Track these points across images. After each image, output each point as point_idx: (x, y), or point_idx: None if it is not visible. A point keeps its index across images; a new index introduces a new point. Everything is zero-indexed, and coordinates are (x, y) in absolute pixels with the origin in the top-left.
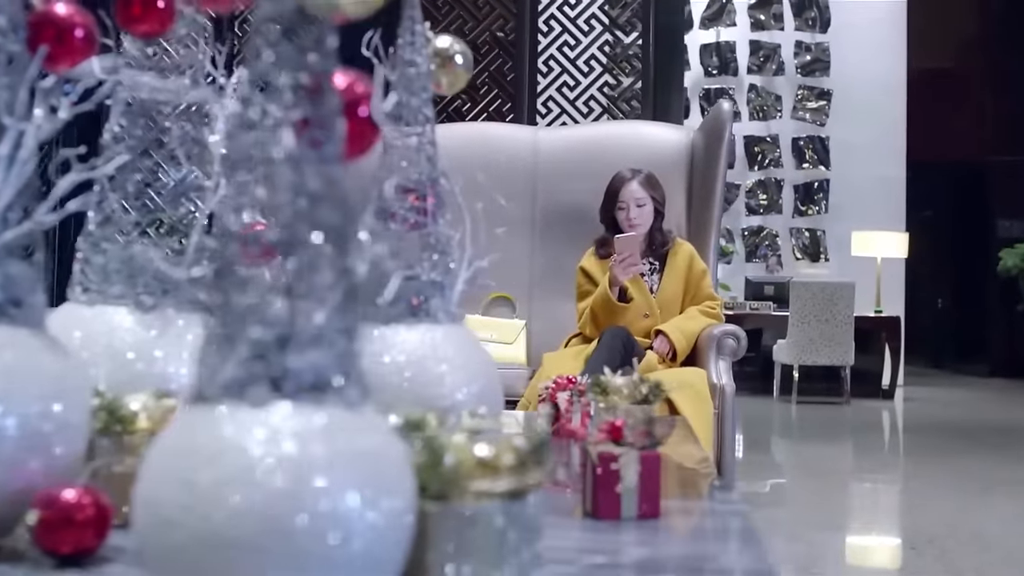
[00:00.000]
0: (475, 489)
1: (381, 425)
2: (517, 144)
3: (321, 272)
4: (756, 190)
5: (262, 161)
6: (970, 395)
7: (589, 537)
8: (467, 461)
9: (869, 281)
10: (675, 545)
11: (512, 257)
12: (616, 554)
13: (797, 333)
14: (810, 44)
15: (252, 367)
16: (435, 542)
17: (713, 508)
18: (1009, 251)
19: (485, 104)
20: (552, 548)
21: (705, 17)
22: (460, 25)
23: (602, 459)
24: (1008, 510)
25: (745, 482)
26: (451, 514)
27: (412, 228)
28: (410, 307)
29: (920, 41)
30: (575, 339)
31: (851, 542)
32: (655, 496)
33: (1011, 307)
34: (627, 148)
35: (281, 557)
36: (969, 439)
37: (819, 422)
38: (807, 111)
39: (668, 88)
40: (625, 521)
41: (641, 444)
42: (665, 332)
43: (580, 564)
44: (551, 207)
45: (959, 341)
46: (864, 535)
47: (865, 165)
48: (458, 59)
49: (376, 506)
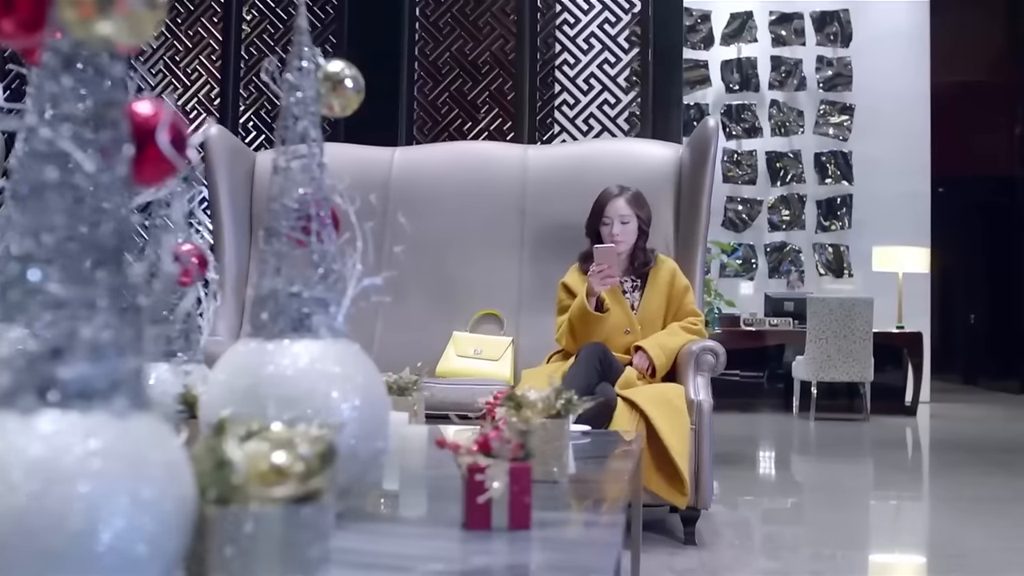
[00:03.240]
0: (259, 494)
1: (154, 433)
2: (506, 162)
3: (91, 289)
4: (779, 206)
5: (42, 184)
6: (999, 412)
7: (440, 545)
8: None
9: (893, 297)
10: (519, 555)
11: (500, 274)
12: (455, 562)
13: (815, 349)
14: (832, 59)
15: (22, 377)
16: (214, 545)
17: (589, 521)
18: None
19: (486, 123)
20: (395, 555)
21: (726, 33)
22: (461, 45)
23: (470, 470)
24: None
25: (767, 498)
26: (230, 518)
27: (297, 246)
28: (293, 323)
29: (944, 55)
30: (556, 356)
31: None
32: (525, 507)
33: None
34: (616, 165)
35: (38, 559)
36: (990, 456)
37: (836, 439)
38: (829, 126)
39: (667, 106)
40: (495, 531)
41: (511, 456)
42: (644, 348)
43: (416, 571)
44: (540, 225)
45: (992, 357)
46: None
47: (889, 180)
48: (348, 83)
49: (138, 510)
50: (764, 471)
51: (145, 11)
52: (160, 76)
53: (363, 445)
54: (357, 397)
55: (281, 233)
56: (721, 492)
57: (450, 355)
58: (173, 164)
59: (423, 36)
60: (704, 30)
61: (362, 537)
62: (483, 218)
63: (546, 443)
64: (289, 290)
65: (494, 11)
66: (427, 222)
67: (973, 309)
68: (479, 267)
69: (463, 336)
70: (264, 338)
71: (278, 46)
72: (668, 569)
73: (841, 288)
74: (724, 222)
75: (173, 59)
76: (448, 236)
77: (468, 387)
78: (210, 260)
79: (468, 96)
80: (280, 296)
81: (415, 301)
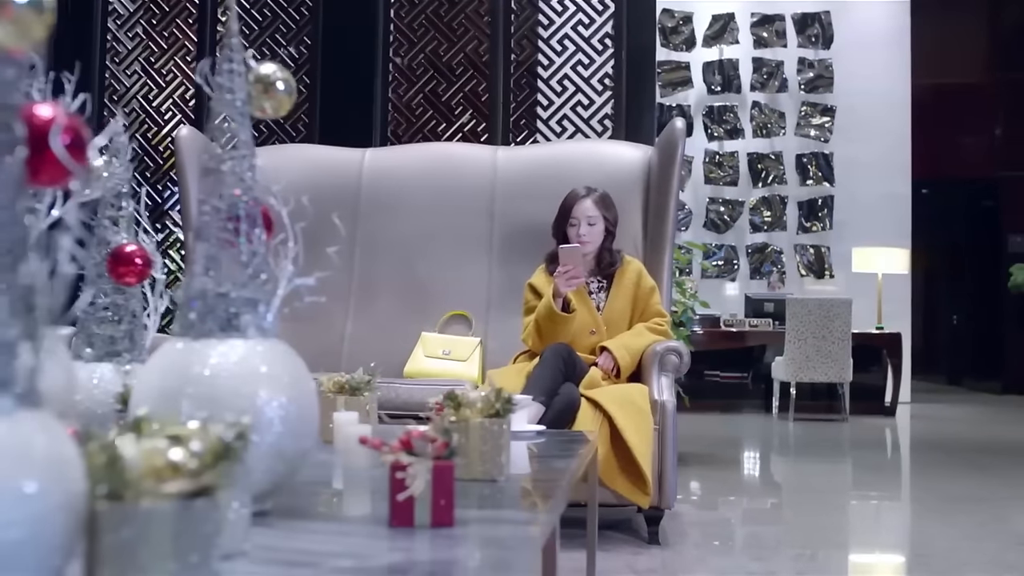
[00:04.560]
0: (150, 490)
1: (43, 430)
2: (476, 163)
3: None
4: (760, 207)
5: None
6: (979, 413)
7: (357, 542)
8: (147, 463)
9: (874, 298)
10: (430, 552)
11: (469, 275)
12: (366, 559)
13: (794, 350)
14: (813, 61)
15: None
16: (103, 541)
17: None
18: (1019, 267)
19: (460, 125)
20: (309, 552)
21: (708, 35)
22: (435, 47)
23: (392, 468)
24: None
25: (736, 498)
26: (118, 513)
27: (226, 247)
28: (221, 322)
29: (925, 57)
30: (522, 356)
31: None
32: (448, 505)
33: (1023, 323)
34: (585, 167)
35: None
36: (965, 457)
37: (813, 439)
38: (811, 128)
39: (640, 108)
40: (417, 529)
41: (435, 455)
42: (609, 348)
43: (323, 567)
44: (509, 226)
45: (974, 358)
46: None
47: (869, 182)
48: (280, 85)
49: (20, 505)
50: (739, 471)
51: (32, 15)
52: (135, 77)
53: (289, 444)
54: (283, 396)
55: (210, 234)
56: (689, 492)
57: (418, 356)
58: (68, 168)
59: (397, 38)
60: (686, 32)
61: (282, 534)
62: (452, 219)
63: (485, 442)
64: (217, 290)
65: (468, 13)
66: (397, 223)
67: (956, 310)
68: (448, 268)
69: (432, 337)
70: (192, 337)
71: (253, 47)
72: (629, 569)
73: (823, 289)
74: (706, 223)
75: (148, 60)
76: (418, 237)
77: (434, 387)
78: (155, 260)
79: (443, 98)
80: (208, 296)
81: (384, 302)
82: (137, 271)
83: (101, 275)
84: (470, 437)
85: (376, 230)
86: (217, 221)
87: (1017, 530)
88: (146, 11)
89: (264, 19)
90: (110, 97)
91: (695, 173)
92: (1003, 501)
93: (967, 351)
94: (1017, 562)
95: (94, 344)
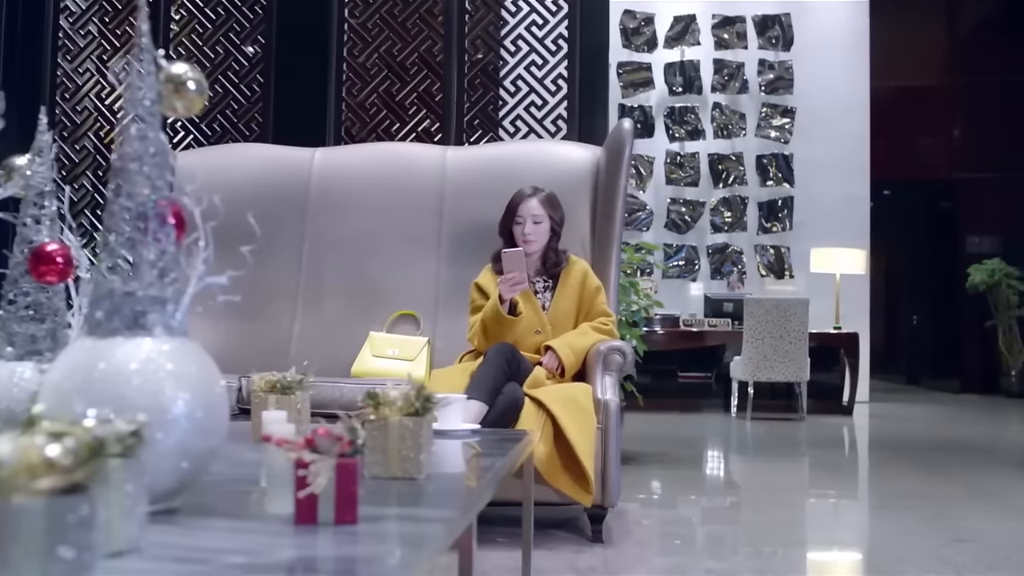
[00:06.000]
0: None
1: None
2: (426, 163)
3: None
4: (721, 208)
5: None
6: (935, 412)
7: (255, 539)
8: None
9: (833, 298)
10: (325, 548)
11: (418, 275)
12: (258, 555)
13: (751, 350)
14: (773, 63)
15: None
16: None
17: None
18: (977, 267)
19: (414, 124)
20: (203, 548)
21: (669, 36)
22: (389, 46)
23: (296, 466)
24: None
25: (706, 498)
26: None
27: (134, 246)
28: (128, 321)
29: (884, 59)
30: (468, 355)
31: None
32: (352, 502)
33: (981, 323)
34: (534, 167)
35: None
36: (914, 455)
37: (771, 438)
38: (771, 129)
39: (593, 108)
40: (320, 526)
41: (339, 453)
42: (554, 348)
43: (213, 563)
44: (458, 226)
45: (933, 357)
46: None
47: (829, 183)
48: (191, 85)
49: None
50: (694, 470)
51: None
52: (88, 75)
53: (195, 442)
54: (189, 394)
55: (118, 233)
56: (640, 491)
57: (366, 355)
58: None
59: (351, 37)
60: (647, 33)
61: (183, 531)
62: (401, 219)
63: (404, 441)
64: (124, 289)
65: (422, 13)
66: (346, 222)
67: (916, 310)
68: (397, 267)
69: (380, 336)
70: (98, 336)
71: (207, 45)
72: (570, 567)
73: (783, 289)
74: (667, 223)
75: (101, 58)
76: (366, 236)
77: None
78: (78, 260)
79: (396, 97)
80: (115, 295)
81: (333, 301)
82: (58, 270)
83: (23, 274)
84: (389, 436)
85: (325, 229)
86: (125, 220)
87: (956, 527)
88: (99, 9)
89: (218, 18)
90: (62, 95)
91: (656, 174)
92: (946, 498)
93: (926, 351)
94: (952, 558)
95: (15, 343)
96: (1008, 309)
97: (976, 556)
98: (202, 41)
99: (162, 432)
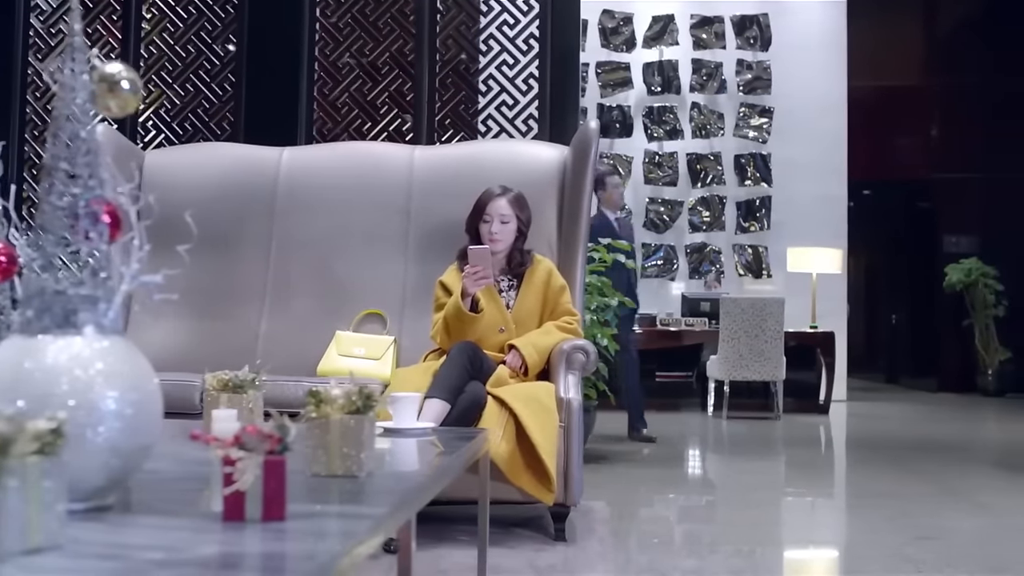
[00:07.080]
0: None
1: None
2: (393, 163)
3: None
4: (699, 207)
5: None
6: (912, 410)
7: (178, 536)
8: None
9: (809, 297)
10: (245, 545)
11: (385, 274)
12: (177, 552)
13: (727, 349)
14: (751, 63)
15: None
16: None
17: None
18: (954, 267)
19: (385, 124)
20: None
21: (648, 36)
22: (361, 46)
23: (223, 463)
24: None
25: (684, 496)
26: None
27: (65, 245)
28: (58, 319)
29: (862, 59)
30: (432, 354)
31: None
32: (280, 499)
33: (958, 323)
34: (502, 167)
35: None
36: (888, 453)
37: (747, 437)
38: (749, 128)
39: (563, 108)
40: (248, 523)
41: (268, 450)
42: (517, 347)
43: (130, 559)
44: (425, 225)
45: (912, 357)
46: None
47: (806, 183)
48: (124, 84)
49: None
50: (670, 469)
51: None
52: None
53: (126, 440)
54: (119, 392)
55: (48, 231)
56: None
57: (332, 354)
58: None
59: (323, 36)
60: (626, 33)
61: (108, 528)
62: (369, 218)
63: (345, 439)
64: (55, 288)
65: (394, 12)
66: (313, 221)
67: (895, 309)
68: (364, 267)
69: (346, 335)
70: (28, 335)
71: (178, 44)
72: (530, 566)
73: (760, 288)
74: (646, 223)
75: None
76: (334, 236)
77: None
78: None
79: (368, 97)
80: (46, 293)
81: (300, 300)
82: (2, 268)
83: None
84: (330, 434)
85: (292, 228)
86: (56, 219)
87: (920, 524)
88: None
89: (189, 16)
90: (32, 93)
91: (635, 173)
92: (914, 496)
93: (904, 350)
94: (915, 555)
95: None
96: (985, 308)
97: (938, 553)
98: (173, 40)
99: (90, 430)
